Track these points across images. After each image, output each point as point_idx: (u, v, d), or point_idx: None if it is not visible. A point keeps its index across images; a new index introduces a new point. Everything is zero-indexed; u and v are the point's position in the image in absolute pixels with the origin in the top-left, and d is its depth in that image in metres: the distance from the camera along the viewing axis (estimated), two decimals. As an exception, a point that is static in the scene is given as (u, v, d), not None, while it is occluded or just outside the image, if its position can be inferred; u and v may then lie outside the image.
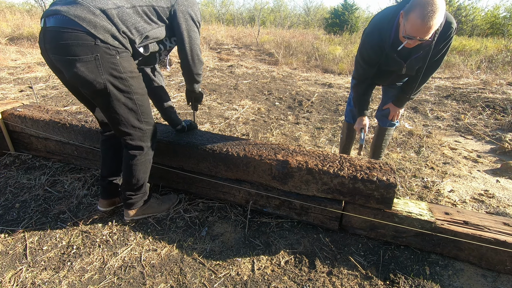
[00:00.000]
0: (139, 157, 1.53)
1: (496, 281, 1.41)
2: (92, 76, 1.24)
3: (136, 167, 1.54)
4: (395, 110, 2.07)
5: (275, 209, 1.78)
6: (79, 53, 1.20)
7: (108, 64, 1.27)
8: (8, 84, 4.67)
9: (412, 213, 1.52)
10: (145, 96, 1.49)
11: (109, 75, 1.28)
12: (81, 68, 1.22)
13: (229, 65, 7.05)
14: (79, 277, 1.40)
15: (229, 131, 3.31)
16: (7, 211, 1.83)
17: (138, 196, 1.66)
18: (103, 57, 1.25)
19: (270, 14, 23.43)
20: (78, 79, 1.25)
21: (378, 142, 2.32)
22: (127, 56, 1.35)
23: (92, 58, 1.22)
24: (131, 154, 1.52)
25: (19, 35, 8.56)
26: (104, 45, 1.23)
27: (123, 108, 1.39)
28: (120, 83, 1.33)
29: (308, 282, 1.40)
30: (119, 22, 1.27)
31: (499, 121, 3.79)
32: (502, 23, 15.61)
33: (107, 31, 1.24)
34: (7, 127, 2.40)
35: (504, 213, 2.00)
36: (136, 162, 1.53)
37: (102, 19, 1.23)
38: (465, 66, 6.82)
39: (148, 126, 1.52)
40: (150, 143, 1.57)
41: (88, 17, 1.19)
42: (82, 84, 1.28)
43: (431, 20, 1.37)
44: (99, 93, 1.31)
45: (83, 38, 1.19)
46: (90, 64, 1.23)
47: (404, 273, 1.45)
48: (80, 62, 1.21)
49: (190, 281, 1.39)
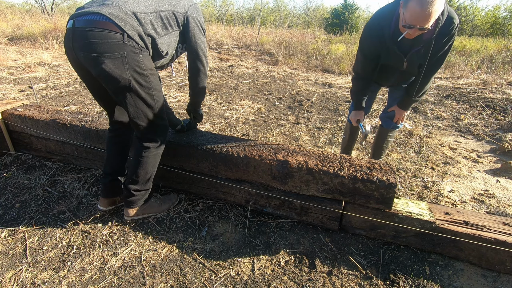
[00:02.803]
0: (152, 149, 1.59)
1: (496, 281, 1.41)
2: (118, 72, 1.34)
3: (147, 159, 1.60)
4: (400, 113, 2.04)
5: (275, 209, 1.78)
6: (108, 50, 1.30)
7: (133, 62, 1.37)
8: (8, 84, 4.67)
9: (412, 213, 1.52)
10: (161, 92, 1.58)
11: (133, 71, 1.38)
12: (108, 65, 1.31)
13: (229, 65, 7.05)
14: (79, 277, 1.40)
15: (229, 131, 3.31)
16: (7, 211, 1.83)
17: (141, 193, 1.67)
18: (129, 55, 1.35)
19: (270, 14, 23.43)
20: (105, 75, 1.33)
21: (379, 143, 2.31)
22: (147, 55, 1.46)
23: (119, 55, 1.32)
24: (145, 146, 1.58)
25: (19, 35, 8.57)
26: (130, 42, 1.34)
27: (143, 103, 1.48)
28: (142, 79, 1.43)
29: (308, 282, 1.40)
30: (145, 24, 1.39)
31: (499, 121, 3.79)
32: (502, 23, 15.61)
33: (135, 30, 1.35)
34: (7, 127, 2.40)
35: (504, 213, 2.00)
36: (148, 154, 1.59)
37: (132, 19, 1.34)
38: (465, 66, 6.82)
39: (163, 121, 1.61)
40: (163, 138, 1.64)
41: (120, 15, 1.31)
42: (108, 80, 1.37)
43: (430, 6, 1.36)
44: (122, 88, 1.40)
45: (112, 37, 1.30)
46: (117, 61, 1.33)
47: (404, 273, 1.45)
48: (109, 59, 1.31)
49: (190, 281, 1.39)
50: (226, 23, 17.35)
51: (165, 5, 1.48)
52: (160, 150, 1.65)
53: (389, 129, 2.22)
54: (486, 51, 8.26)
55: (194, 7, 1.61)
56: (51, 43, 8.02)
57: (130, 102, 1.45)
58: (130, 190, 1.63)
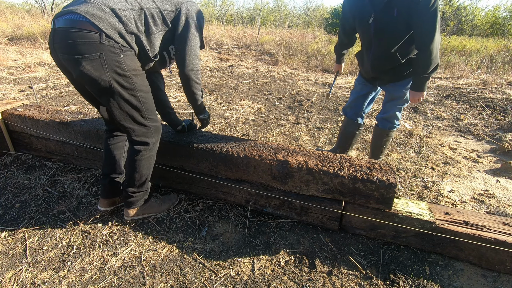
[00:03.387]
0: (144, 152, 1.56)
1: (496, 281, 1.41)
2: (97, 74, 1.29)
3: (140, 162, 1.57)
4: (413, 95, 1.90)
5: (275, 209, 1.78)
6: (85, 51, 1.25)
7: (113, 62, 1.31)
8: (8, 84, 4.67)
9: (412, 213, 1.52)
10: (149, 93, 1.52)
11: (113, 72, 1.32)
12: (86, 66, 1.26)
13: (229, 65, 7.05)
14: (79, 277, 1.40)
15: (229, 131, 3.31)
16: (7, 211, 1.83)
17: (139, 194, 1.66)
18: (108, 55, 1.29)
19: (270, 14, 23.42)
20: (84, 77, 1.29)
21: (377, 143, 2.31)
22: (131, 55, 1.39)
23: (97, 56, 1.27)
24: (136, 150, 1.55)
25: (19, 35, 8.56)
26: (109, 42, 1.27)
27: (128, 105, 1.43)
28: (124, 81, 1.37)
29: (308, 282, 1.40)
30: (127, 22, 1.33)
31: (499, 121, 3.79)
32: (502, 23, 15.61)
33: (114, 28, 1.29)
34: (7, 127, 2.40)
35: (504, 213, 2.00)
36: (141, 158, 1.57)
37: (111, 17, 1.28)
38: (465, 66, 6.82)
39: (153, 123, 1.56)
40: (155, 139, 1.61)
41: (97, 13, 1.25)
42: (88, 82, 1.32)
43: None
44: (104, 91, 1.35)
45: (89, 37, 1.24)
46: (95, 62, 1.27)
47: (404, 273, 1.45)
48: (86, 60, 1.26)
49: (190, 281, 1.39)
50: (226, 23, 17.35)
51: (150, 2, 1.42)
52: (153, 152, 1.62)
53: (386, 130, 2.23)
54: (486, 51, 8.25)
55: (189, 4, 1.54)
56: (51, 43, 8.00)
57: (114, 105, 1.40)
58: (128, 192, 1.63)
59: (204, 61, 7.25)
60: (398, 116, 2.18)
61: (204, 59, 7.41)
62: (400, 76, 1.96)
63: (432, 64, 1.71)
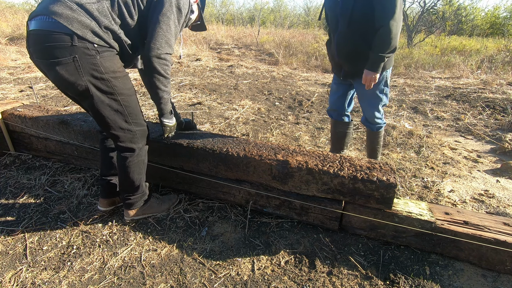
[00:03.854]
0: (131, 158, 1.51)
1: (496, 281, 1.41)
2: (72, 78, 1.21)
3: (129, 168, 1.52)
4: (365, 74, 1.86)
5: (275, 209, 1.78)
6: (57, 55, 1.17)
7: (88, 65, 1.22)
8: (8, 84, 4.67)
9: (412, 213, 1.52)
10: (132, 96, 1.43)
11: (90, 76, 1.24)
12: (60, 71, 1.19)
13: (229, 65, 7.05)
14: (79, 277, 1.40)
15: (229, 131, 3.31)
16: (7, 211, 1.83)
17: (136, 196, 1.65)
18: (82, 58, 1.20)
19: (270, 14, 23.41)
20: (60, 82, 1.23)
21: (370, 145, 2.32)
22: (109, 55, 1.29)
23: (70, 60, 1.18)
24: (122, 156, 1.50)
25: (19, 35, 8.56)
26: (82, 43, 1.18)
27: (108, 110, 1.34)
28: (103, 84, 1.28)
29: (308, 282, 1.40)
30: (100, 16, 1.21)
31: (499, 121, 3.79)
32: (502, 23, 15.61)
33: (85, 26, 1.18)
34: (7, 127, 2.40)
35: (504, 213, 2.00)
36: (129, 164, 1.51)
37: (80, 14, 1.17)
38: (465, 66, 6.82)
39: (138, 127, 1.49)
40: (141, 144, 1.54)
41: (65, 12, 1.14)
42: (65, 87, 1.27)
43: None
44: (82, 95, 1.28)
45: (60, 39, 1.15)
46: (70, 66, 1.19)
47: (404, 273, 1.45)
48: (60, 65, 1.18)
49: (190, 281, 1.39)
50: (226, 23, 17.35)
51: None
52: (141, 157, 1.56)
53: (373, 132, 2.23)
54: (486, 51, 8.25)
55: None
56: (51, 43, 8.00)
57: (94, 110, 1.32)
58: (124, 196, 1.62)
59: (204, 61, 7.25)
60: (377, 115, 2.13)
61: (204, 59, 7.41)
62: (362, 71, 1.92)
63: (389, 44, 1.72)
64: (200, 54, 7.96)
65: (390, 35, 1.70)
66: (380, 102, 2.07)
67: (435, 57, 7.66)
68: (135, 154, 1.51)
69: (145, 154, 1.60)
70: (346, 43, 1.92)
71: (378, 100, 2.06)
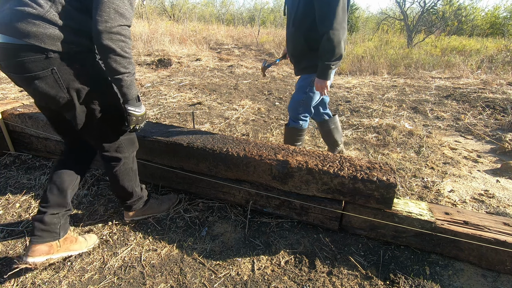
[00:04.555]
0: (117, 168, 1.46)
1: (496, 281, 1.41)
2: (53, 91, 1.13)
3: (118, 177, 1.47)
4: (316, 82, 1.85)
5: (275, 209, 1.78)
6: (34, 69, 1.08)
7: (68, 76, 1.13)
8: (8, 84, 4.67)
9: (412, 213, 1.52)
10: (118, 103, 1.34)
11: (71, 87, 1.15)
12: (40, 85, 1.10)
13: (229, 65, 7.05)
14: (79, 277, 1.40)
15: (229, 131, 3.31)
16: (7, 211, 1.83)
17: (132, 201, 1.63)
18: (61, 69, 1.11)
19: (270, 14, 23.41)
20: (41, 96, 1.16)
21: (324, 136, 2.38)
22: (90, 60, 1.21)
23: (49, 73, 1.10)
24: (110, 165, 1.45)
25: (19, 35, 8.53)
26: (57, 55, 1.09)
27: (94, 120, 1.28)
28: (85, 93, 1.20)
29: (308, 282, 1.40)
30: (63, 20, 1.08)
31: (499, 121, 3.79)
32: (502, 23, 15.62)
33: (56, 39, 1.07)
34: (7, 127, 2.40)
35: (504, 213, 2.00)
36: (117, 173, 1.46)
37: (46, 27, 1.05)
38: (465, 66, 6.82)
39: (124, 136, 1.43)
40: (128, 153, 1.48)
41: (31, 29, 1.03)
42: (46, 101, 1.20)
43: None
44: (65, 108, 1.21)
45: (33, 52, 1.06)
46: (49, 79, 1.11)
47: (404, 273, 1.45)
48: (38, 79, 1.10)
49: (190, 281, 1.39)
50: (226, 23, 17.35)
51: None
52: (128, 166, 1.49)
53: (322, 121, 2.28)
54: (486, 51, 8.25)
55: None
56: (51, 43, 8.00)
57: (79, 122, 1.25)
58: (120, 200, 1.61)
59: (204, 61, 7.25)
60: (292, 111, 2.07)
61: (204, 59, 7.41)
62: (300, 69, 1.97)
63: (333, 52, 1.68)
64: (200, 54, 7.96)
65: (332, 43, 1.65)
66: (301, 100, 2.02)
67: (435, 57, 7.67)
68: (121, 163, 1.46)
69: (134, 161, 1.53)
70: (292, 42, 1.93)
71: (300, 98, 2.02)
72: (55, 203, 1.36)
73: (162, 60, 6.70)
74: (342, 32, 1.65)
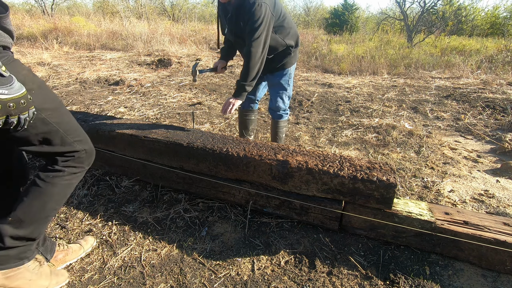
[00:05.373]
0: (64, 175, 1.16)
1: (496, 281, 1.41)
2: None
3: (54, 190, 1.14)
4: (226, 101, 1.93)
5: (275, 209, 1.78)
6: None
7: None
8: (8, 84, 4.66)
9: (412, 213, 1.52)
10: (60, 108, 1.13)
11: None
12: None
13: (229, 65, 7.04)
14: (79, 277, 1.40)
15: (229, 131, 3.31)
16: (7, 211, 1.83)
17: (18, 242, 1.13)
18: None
19: (270, 14, 23.36)
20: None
21: (273, 133, 2.46)
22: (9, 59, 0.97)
23: None
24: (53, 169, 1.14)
25: (19, 35, 8.56)
26: None
27: (37, 135, 1.04)
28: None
29: (308, 282, 1.40)
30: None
31: (499, 121, 3.79)
32: (502, 23, 15.62)
33: None
34: (7, 127, 2.39)
35: (504, 213, 2.00)
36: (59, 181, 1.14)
37: None
38: (465, 66, 6.82)
39: (84, 145, 1.22)
40: (86, 167, 1.26)
41: None
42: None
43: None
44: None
45: None
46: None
47: (404, 273, 1.45)
48: None
49: (190, 281, 1.39)
50: (226, 23, 17.33)
51: None
52: (75, 180, 1.21)
53: (276, 120, 2.35)
54: (486, 51, 8.26)
55: None
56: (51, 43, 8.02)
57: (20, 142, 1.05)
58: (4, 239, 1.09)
59: (204, 61, 7.25)
60: (281, 105, 2.26)
61: (204, 59, 7.41)
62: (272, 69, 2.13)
63: (250, 77, 1.85)
64: (200, 54, 7.96)
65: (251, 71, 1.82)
66: (284, 91, 2.23)
67: (435, 57, 7.67)
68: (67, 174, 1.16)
69: (78, 179, 1.23)
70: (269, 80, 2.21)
71: (283, 90, 2.22)
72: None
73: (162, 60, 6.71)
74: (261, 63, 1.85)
